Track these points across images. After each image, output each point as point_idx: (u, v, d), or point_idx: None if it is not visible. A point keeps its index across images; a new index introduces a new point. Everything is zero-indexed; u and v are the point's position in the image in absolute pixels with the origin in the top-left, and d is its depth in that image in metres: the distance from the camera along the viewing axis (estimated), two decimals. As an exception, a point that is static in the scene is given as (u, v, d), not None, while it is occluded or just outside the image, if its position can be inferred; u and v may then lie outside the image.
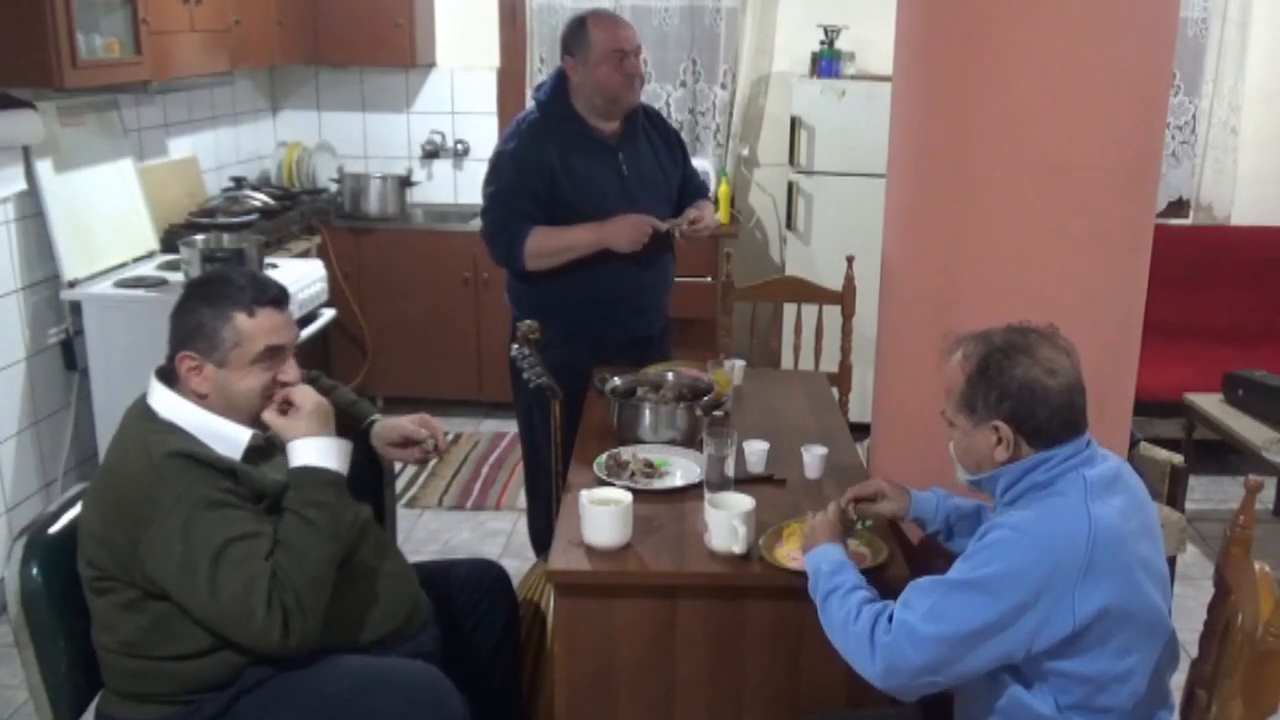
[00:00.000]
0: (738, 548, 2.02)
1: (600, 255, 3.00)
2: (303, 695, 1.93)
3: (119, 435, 1.98)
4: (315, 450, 1.97)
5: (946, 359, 1.81)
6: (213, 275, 2.09)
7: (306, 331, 3.95)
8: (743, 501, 2.10)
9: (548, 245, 2.99)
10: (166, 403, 1.97)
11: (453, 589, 2.33)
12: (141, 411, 1.98)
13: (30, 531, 1.98)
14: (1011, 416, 1.71)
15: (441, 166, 5.46)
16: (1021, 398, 1.70)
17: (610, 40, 2.97)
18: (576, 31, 3.02)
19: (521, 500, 3.80)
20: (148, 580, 1.87)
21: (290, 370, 2.03)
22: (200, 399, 1.97)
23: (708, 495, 2.18)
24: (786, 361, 4.01)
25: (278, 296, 2.03)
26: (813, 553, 1.89)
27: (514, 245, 2.99)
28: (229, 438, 1.97)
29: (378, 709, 1.92)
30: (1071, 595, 1.62)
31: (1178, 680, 1.88)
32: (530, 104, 3.19)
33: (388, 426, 2.39)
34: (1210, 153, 5.10)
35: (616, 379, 2.75)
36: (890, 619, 1.70)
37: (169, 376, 2.01)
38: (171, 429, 1.94)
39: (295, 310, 2.84)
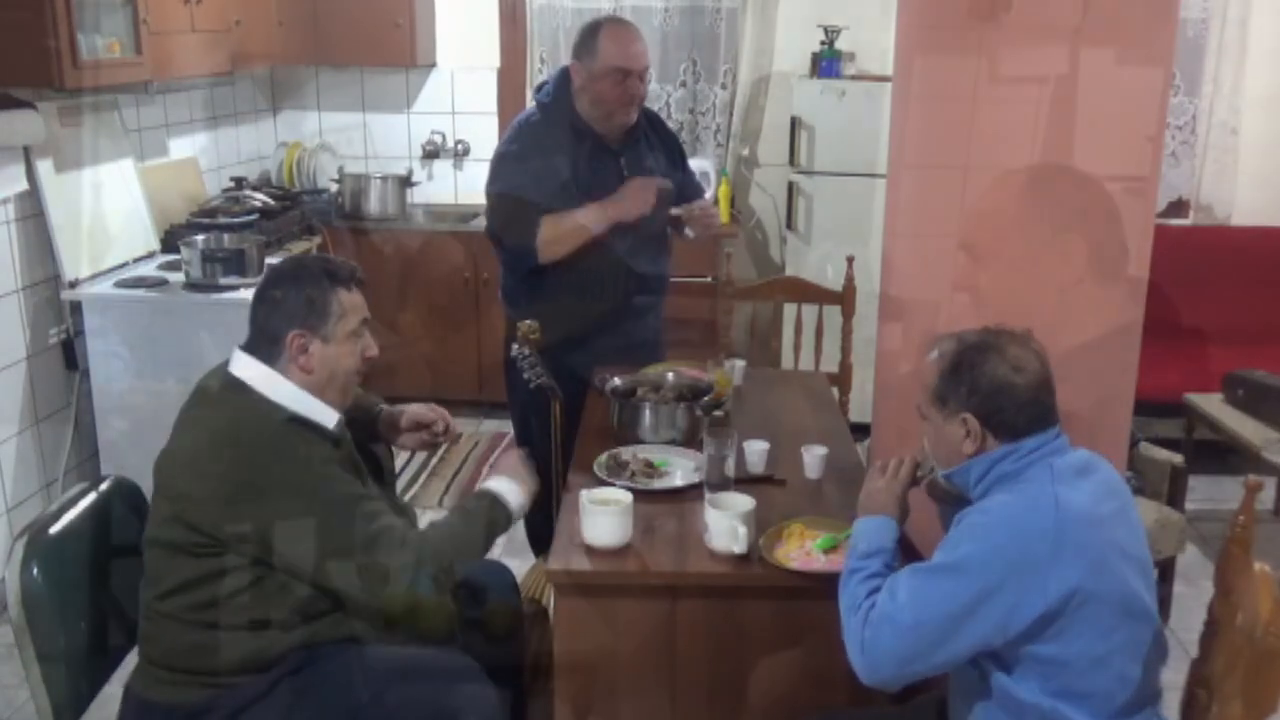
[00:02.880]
0: (738, 548, 2.02)
1: (597, 258, 2.99)
2: (340, 680, 1.96)
3: (218, 404, 1.99)
4: (515, 493, 2.16)
5: (924, 357, 1.87)
6: (301, 259, 2.18)
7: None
8: (743, 501, 2.10)
9: (560, 229, 2.96)
10: (260, 376, 2.00)
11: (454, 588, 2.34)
12: (232, 384, 2.00)
13: (30, 531, 1.97)
14: (979, 410, 1.78)
15: (442, 167, 5.45)
16: (990, 393, 1.77)
17: (617, 58, 2.95)
18: (588, 38, 2.99)
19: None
20: (260, 544, 1.90)
21: (373, 345, 2.12)
22: (306, 376, 2.01)
23: (708, 495, 2.18)
24: (786, 361, 4.01)
25: (360, 277, 2.13)
26: (861, 520, 1.91)
27: (525, 237, 2.97)
28: (321, 416, 2.02)
29: (415, 695, 1.96)
30: (1041, 576, 1.65)
31: (1178, 680, 1.88)
32: (531, 104, 3.17)
33: (397, 412, 2.41)
34: (1210, 153, 5.09)
35: (616, 379, 2.75)
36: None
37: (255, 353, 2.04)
38: (271, 399, 1.99)
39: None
